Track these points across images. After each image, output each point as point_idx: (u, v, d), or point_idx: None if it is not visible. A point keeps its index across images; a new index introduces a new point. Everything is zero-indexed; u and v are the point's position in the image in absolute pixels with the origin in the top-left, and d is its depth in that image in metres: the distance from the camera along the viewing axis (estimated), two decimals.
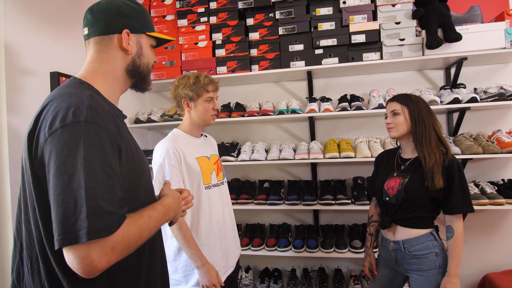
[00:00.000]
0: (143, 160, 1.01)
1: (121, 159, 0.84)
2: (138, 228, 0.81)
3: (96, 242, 0.71)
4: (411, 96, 1.66)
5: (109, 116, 0.84)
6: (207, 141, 1.81)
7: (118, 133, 0.85)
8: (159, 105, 2.90)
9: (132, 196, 0.90)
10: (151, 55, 1.06)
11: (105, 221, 0.72)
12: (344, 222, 2.60)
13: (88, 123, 0.77)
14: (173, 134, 1.68)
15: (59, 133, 0.75)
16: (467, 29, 2.15)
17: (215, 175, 1.71)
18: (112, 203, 0.75)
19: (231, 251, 1.72)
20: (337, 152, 2.32)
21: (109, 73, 0.98)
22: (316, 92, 2.64)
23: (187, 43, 2.55)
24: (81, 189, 0.71)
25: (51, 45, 2.06)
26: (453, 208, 1.55)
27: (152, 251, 1.00)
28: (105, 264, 0.73)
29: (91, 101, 0.81)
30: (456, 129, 2.35)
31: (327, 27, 2.35)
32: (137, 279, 0.92)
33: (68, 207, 0.71)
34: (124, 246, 0.76)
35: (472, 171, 2.42)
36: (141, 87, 1.08)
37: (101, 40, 0.96)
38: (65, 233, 0.70)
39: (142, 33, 1.02)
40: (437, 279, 1.57)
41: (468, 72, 2.39)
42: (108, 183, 0.76)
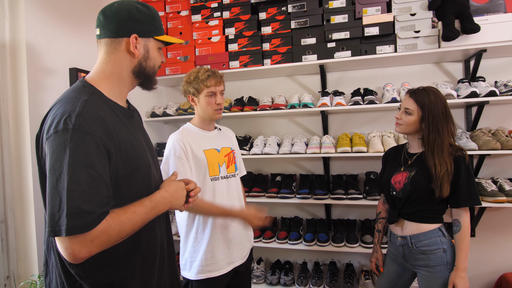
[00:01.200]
0: (141, 156, 1.06)
1: (111, 160, 0.92)
2: (119, 223, 0.89)
3: (76, 236, 0.81)
4: (430, 96, 1.57)
5: (98, 121, 0.91)
6: (222, 134, 1.84)
7: (107, 136, 0.91)
8: (174, 99, 2.97)
9: (127, 190, 0.98)
10: (157, 57, 1.12)
11: (82, 219, 0.81)
12: (356, 217, 2.59)
13: (75, 130, 0.85)
14: (183, 128, 1.74)
15: (52, 138, 0.86)
16: (487, 19, 2.06)
17: (225, 167, 1.73)
18: (93, 203, 0.84)
19: (239, 243, 1.73)
20: (349, 146, 2.31)
21: (115, 74, 1.05)
22: (329, 86, 2.62)
23: (200, 38, 2.59)
24: (64, 190, 0.81)
25: (70, 42, 2.16)
26: (460, 201, 1.54)
27: (149, 238, 1.07)
28: (86, 254, 0.84)
29: (83, 108, 0.89)
30: (474, 124, 2.28)
31: (340, 20, 2.32)
32: (131, 263, 1.01)
33: (54, 204, 0.82)
34: (104, 240, 0.86)
35: (491, 167, 2.33)
36: (147, 86, 1.15)
37: (110, 42, 1.03)
38: (52, 226, 0.81)
39: (150, 37, 1.07)
40: (444, 275, 1.56)
41: (488, 64, 2.30)
42: (91, 185, 0.84)
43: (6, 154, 1.90)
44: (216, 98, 1.67)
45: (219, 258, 1.64)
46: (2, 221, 1.89)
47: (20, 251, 1.94)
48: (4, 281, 1.88)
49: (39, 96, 1.94)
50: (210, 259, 1.63)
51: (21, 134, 1.91)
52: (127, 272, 1.00)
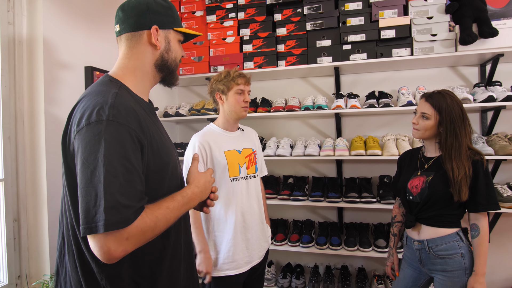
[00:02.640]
0: (169, 151, 1.05)
1: (143, 154, 0.89)
2: (154, 219, 0.86)
3: (112, 233, 0.77)
4: (447, 99, 1.56)
5: (131, 113, 0.89)
6: (244, 135, 1.87)
7: (140, 129, 0.89)
8: (187, 100, 2.96)
9: (157, 186, 0.95)
10: (178, 49, 1.10)
11: (121, 214, 0.78)
12: (369, 221, 2.57)
13: (109, 121, 0.82)
14: (207, 128, 1.80)
15: (84, 131, 0.82)
16: (505, 24, 2.06)
17: (245, 168, 1.75)
18: (130, 197, 0.80)
19: (257, 243, 1.75)
20: (363, 149, 2.29)
21: (139, 68, 1.03)
22: (343, 88, 2.61)
23: (215, 39, 2.59)
24: (101, 183, 0.78)
25: (86, 41, 2.15)
26: (478, 205, 1.52)
27: (176, 237, 1.04)
28: (122, 253, 0.79)
29: (115, 100, 0.87)
30: (490, 128, 2.26)
31: (356, 22, 2.32)
32: (160, 262, 0.97)
33: (90, 199, 0.78)
34: (139, 236, 0.82)
35: (507, 172, 2.32)
36: (169, 81, 1.13)
37: (131, 36, 1.01)
38: (87, 223, 0.77)
39: (170, 28, 1.06)
40: (462, 280, 1.54)
41: (505, 69, 2.29)
42: (127, 178, 0.81)
43: (21, 151, 1.88)
44: (245, 96, 1.73)
45: (238, 257, 1.67)
46: (15, 220, 1.87)
47: (32, 251, 1.91)
48: (15, 280, 1.86)
49: (54, 93, 1.93)
50: (230, 257, 1.65)
51: (35, 131, 1.89)
52: (156, 275, 0.96)
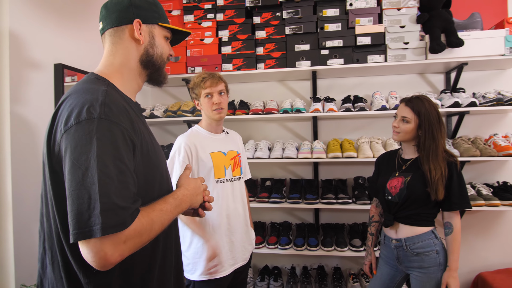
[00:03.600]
0: (159, 154, 1.02)
1: (135, 154, 0.86)
2: (150, 222, 0.83)
3: (109, 237, 0.73)
4: (425, 104, 1.65)
5: (123, 111, 0.85)
6: (229, 137, 1.87)
7: (132, 129, 0.86)
8: (161, 101, 2.87)
9: (147, 189, 0.92)
10: (165, 46, 1.06)
11: (118, 216, 0.74)
12: (345, 221, 2.65)
13: (101, 119, 0.79)
14: (192, 130, 1.79)
15: (73, 130, 0.78)
16: (469, 35, 2.21)
17: (231, 170, 1.75)
18: (125, 199, 0.77)
19: (241, 245, 1.75)
20: (339, 152, 2.36)
21: (125, 66, 0.99)
22: (319, 92, 2.67)
23: (192, 39, 2.54)
24: (95, 185, 0.73)
25: (56, 37, 2.02)
26: (453, 205, 1.62)
27: (166, 244, 1.01)
28: (118, 258, 0.76)
29: (105, 97, 0.83)
30: (454, 132, 2.42)
31: (333, 28, 2.38)
32: (151, 271, 0.94)
33: (82, 202, 0.73)
34: (136, 240, 0.79)
35: (469, 173, 2.49)
36: (156, 79, 1.08)
37: (114, 32, 0.99)
38: (80, 227, 0.72)
39: (154, 23, 1.03)
40: (437, 276, 1.63)
41: (467, 77, 2.47)
42: (121, 179, 0.78)
43: None
44: (213, 98, 1.71)
45: (223, 260, 1.66)
46: None
47: None
48: None
49: (21, 92, 1.79)
50: (215, 260, 1.64)
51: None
52: (146, 284, 0.92)
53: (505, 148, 2.17)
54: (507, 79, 2.46)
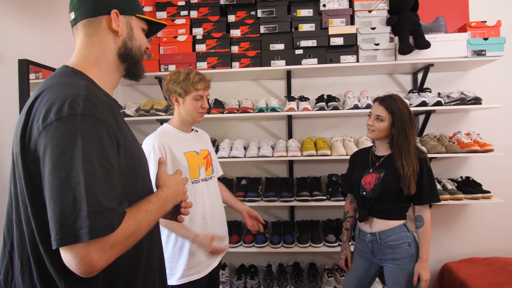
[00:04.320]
0: (141, 153, 0.99)
1: (119, 153, 0.82)
2: (136, 223, 0.79)
3: (96, 241, 0.69)
4: (398, 103, 1.72)
5: (107, 108, 0.81)
6: (198, 136, 1.82)
7: (117, 126, 0.82)
8: (133, 99, 2.79)
9: (130, 190, 0.88)
10: (143, 38, 1.03)
11: (107, 219, 0.70)
12: (319, 218, 2.70)
13: (85, 116, 0.74)
14: (161, 129, 1.68)
15: (54, 127, 0.72)
16: (435, 37, 2.33)
17: (204, 169, 1.72)
18: (112, 200, 0.73)
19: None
20: (314, 150, 2.40)
21: (102, 59, 0.94)
22: (294, 91, 2.70)
23: (165, 36, 2.48)
24: (80, 186, 0.69)
25: (20, 31, 1.91)
26: (423, 199, 1.71)
27: (150, 247, 0.98)
28: (105, 263, 0.72)
29: (88, 92, 0.78)
30: (422, 129, 2.54)
31: (308, 29, 2.42)
32: (135, 275, 0.90)
33: (66, 205, 0.68)
34: (123, 243, 0.75)
35: (435, 169, 2.62)
36: (134, 73, 1.04)
37: (89, 22, 0.92)
38: (64, 232, 0.67)
39: (132, 15, 0.98)
40: (409, 267, 1.71)
41: (433, 77, 2.59)
42: (108, 179, 0.73)
43: None
44: (203, 102, 1.67)
45: (201, 261, 1.63)
46: None
47: None
48: None
49: None
50: (193, 262, 1.60)
51: None
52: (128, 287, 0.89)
53: (467, 145, 2.31)
54: (469, 80, 2.61)
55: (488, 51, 2.29)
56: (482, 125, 2.59)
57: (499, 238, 2.61)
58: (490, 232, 2.62)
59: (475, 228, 2.63)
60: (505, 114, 2.57)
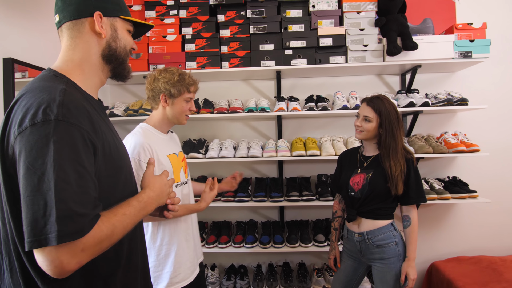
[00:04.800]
0: (122, 154, 0.99)
1: (96, 157, 0.83)
2: (111, 227, 0.80)
3: (66, 245, 0.71)
4: (385, 103, 1.73)
5: (82, 112, 0.81)
6: (173, 138, 1.75)
7: (93, 130, 0.83)
8: (121, 99, 2.77)
9: (109, 192, 0.89)
10: (128, 38, 1.03)
11: (76, 223, 0.72)
12: (309, 218, 2.71)
13: (59, 121, 0.75)
14: (142, 129, 1.58)
15: (28, 132, 0.74)
16: (422, 39, 2.35)
17: (183, 172, 1.67)
18: (84, 204, 0.74)
19: (198, 250, 1.73)
20: (303, 150, 2.41)
21: (85, 61, 0.95)
22: (283, 91, 2.71)
23: (155, 36, 2.47)
24: (51, 191, 0.70)
25: (5, 29, 1.88)
26: (409, 199, 1.73)
27: (131, 247, 0.98)
28: (76, 265, 0.74)
29: (64, 97, 0.79)
30: (409, 130, 2.57)
31: (297, 29, 2.43)
32: (114, 274, 0.91)
33: (37, 209, 0.70)
34: (95, 247, 0.77)
35: (423, 169, 2.65)
36: (120, 74, 1.05)
37: (72, 25, 0.93)
38: (35, 235, 0.69)
39: (116, 16, 0.99)
40: (397, 266, 1.73)
41: (421, 78, 2.62)
42: (81, 184, 0.75)
43: None
44: (192, 104, 1.64)
45: (186, 267, 1.59)
46: None
47: None
48: None
49: None
50: (178, 269, 1.55)
51: None
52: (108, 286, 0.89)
53: (454, 145, 2.34)
54: (456, 81, 2.65)
55: (474, 53, 2.33)
56: (469, 125, 2.63)
57: (485, 237, 2.65)
58: (476, 231, 2.66)
59: (462, 228, 2.67)
60: (491, 114, 2.61)
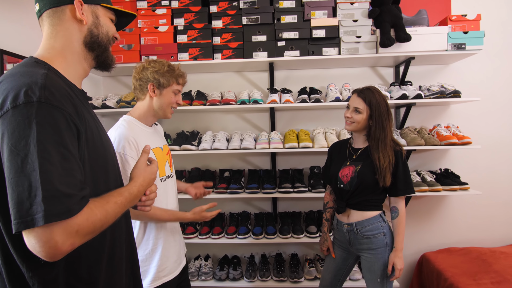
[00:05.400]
0: (106, 143, 0.99)
1: (80, 141, 0.83)
2: (104, 213, 0.82)
3: (60, 225, 0.71)
4: (376, 95, 1.73)
5: (65, 96, 0.82)
6: (157, 130, 1.72)
7: (76, 114, 0.82)
8: (114, 91, 2.76)
9: (94, 179, 0.90)
10: (110, 25, 1.02)
11: (63, 204, 0.72)
12: (301, 209, 2.72)
13: (41, 103, 0.75)
14: (126, 121, 1.53)
15: (10, 114, 0.73)
16: (416, 31, 2.34)
17: (168, 166, 1.66)
18: (70, 186, 0.74)
19: (183, 243, 1.75)
20: (296, 142, 2.41)
21: (67, 48, 0.94)
22: (276, 83, 2.70)
23: (146, 27, 2.45)
24: (35, 171, 0.70)
25: None
26: (398, 190, 1.75)
27: (114, 235, 0.99)
28: (69, 247, 0.74)
29: (46, 80, 0.79)
30: (402, 122, 2.56)
31: (290, 20, 2.41)
32: (98, 263, 0.92)
33: (22, 190, 0.70)
34: (89, 230, 0.78)
35: (415, 161, 2.66)
36: (104, 62, 1.04)
37: (53, 12, 0.93)
38: (21, 216, 0.69)
39: (97, 4, 0.98)
40: (384, 256, 1.75)
41: (415, 70, 2.61)
42: (65, 166, 0.75)
43: None
44: (179, 97, 1.61)
45: (172, 260, 1.60)
46: None
47: None
48: None
49: None
50: (165, 263, 1.55)
51: None
52: (94, 277, 0.90)
53: (446, 138, 2.34)
54: (450, 73, 2.64)
55: (467, 45, 2.32)
56: (462, 118, 2.63)
57: (476, 229, 2.68)
58: (467, 223, 2.68)
59: (453, 219, 2.69)
60: (483, 107, 2.61)
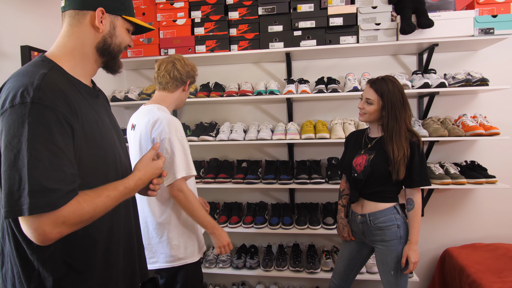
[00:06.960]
0: (106, 136, 1.03)
1: (75, 137, 0.88)
2: (93, 207, 0.88)
3: (47, 216, 0.79)
4: (389, 85, 1.68)
5: (59, 95, 0.87)
6: None
7: (70, 112, 0.88)
8: (136, 84, 2.86)
9: (92, 171, 0.95)
10: (125, 37, 1.08)
11: (46, 198, 0.79)
12: (318, 201, 2.71)
13: (34, 104, 0.81)
14: (166, 111, 1.65)
15: (8, 113, 0.82)
16: (439, 16, 2.22)
17: None
18: (57, 180, 0.81)
19: None
20: (313, 133, 2.39)
21: (78, 49, 1.00)
22: (295, 74, 2.67)
23: (165, 20, 2.51)
24: (25, 167, 0.78)
25: (21, 17, 1.98)
26: (413, 182, 1.70)
27: (113, 222, 1.04)
28: (57, 235, 0.82)
29: (42, 81, 0.85)
30: (425, 112, 2.47)
31: (306, 9, 2.37)
32: (94, 246, 0.98)
33: (13, 183, 0.78)
34: (76, 221, 0.85)
35: (438, 153, 2.56)
36: (111, 67, 1.11)
37: (75, 14, 0.99)
38: (10, 206, 0.78)
39: (118, 15, 1.04)
40: (398, 249, 1.71)
41: (439, 58, 2.49)
42: (54, 162, 0.81)
43: None
44: None
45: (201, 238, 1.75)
46: None
47: None
48: None
49: None
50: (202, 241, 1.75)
51: None
52: (90, 258, 0.97)
53: (472, 128, 2.23)
54: (478, 60, 2.49)
55: (496, 29, 2.17)
56: (490, 107, 2.48)
57: (504, 224, 2.54)
58: (494, 218, 2.55)
59: (480, 214, 2.57)
60: None
